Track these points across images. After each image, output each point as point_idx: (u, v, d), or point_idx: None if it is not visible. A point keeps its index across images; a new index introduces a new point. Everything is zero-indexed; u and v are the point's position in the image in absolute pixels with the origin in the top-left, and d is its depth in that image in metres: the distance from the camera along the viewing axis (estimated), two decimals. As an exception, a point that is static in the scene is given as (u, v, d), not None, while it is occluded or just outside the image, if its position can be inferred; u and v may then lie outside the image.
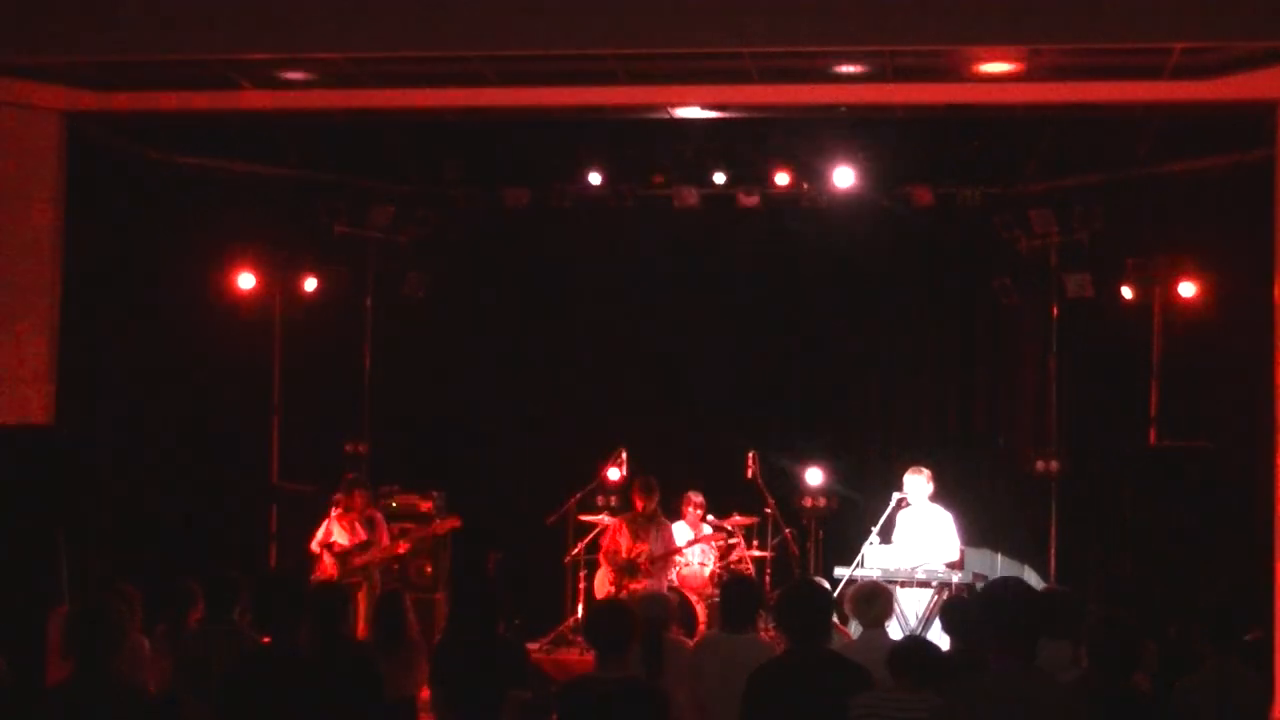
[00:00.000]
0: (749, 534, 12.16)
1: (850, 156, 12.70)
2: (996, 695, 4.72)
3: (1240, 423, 11.02)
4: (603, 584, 11.64)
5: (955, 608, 7.26)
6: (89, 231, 11.19)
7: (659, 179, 13.12)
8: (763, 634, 8.09)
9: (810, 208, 13.11)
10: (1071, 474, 12.46)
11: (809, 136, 12.50)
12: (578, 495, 12.26)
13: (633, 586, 11.24)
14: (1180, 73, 9.30)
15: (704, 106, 10.71)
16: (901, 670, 5.76)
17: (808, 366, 13.62)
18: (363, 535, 11.36)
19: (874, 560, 10.76)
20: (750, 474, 12.20)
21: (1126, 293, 12.11)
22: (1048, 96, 10.13)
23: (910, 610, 10.15)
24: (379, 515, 11.62)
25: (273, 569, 12.55)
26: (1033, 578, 12.55)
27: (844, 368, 13.70)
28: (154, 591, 8.25)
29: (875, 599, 7.38)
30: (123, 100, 10.42)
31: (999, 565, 12.67)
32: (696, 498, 11.89)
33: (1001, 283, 12.88)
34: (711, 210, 13.37)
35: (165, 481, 12.26)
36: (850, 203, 13.02)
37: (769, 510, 12.20)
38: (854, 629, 8.10)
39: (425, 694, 7.90)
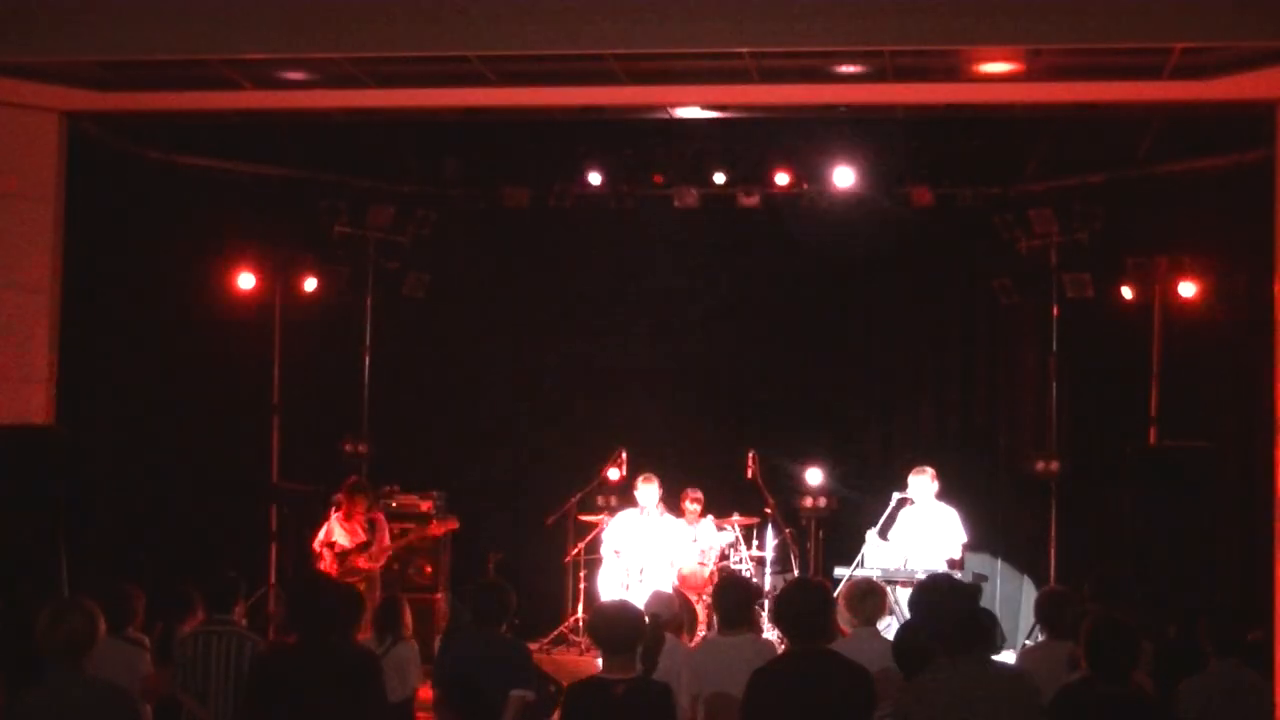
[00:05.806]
0: (749, 534, 12.16)
1: (850, 156, 12.70)
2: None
3: (1240, 423, 11.02)
4: (608, 582, 11.65)
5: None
6: (89, 231, 11.18)
7: (659, 179, 13.11)
8: (763, 634, 8.09)
9: (810, 208, 13.11)
10: (1071, 474, 12.44)
11: (809, 136, 12.49)
12: (578, 495, 12.27)
13: (634, 586, 11.25)
14: (1180, 73, 9.28)
15: (704, 106, 10.68)
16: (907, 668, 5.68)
17: (808, 366, 13.61)
18: (363, 537, 11.35)
19: (874, 560, 10.77)
20: (750, 474, 12.20)
21: (1126, 293, 12.11)
22: (1048, 96, 10.11)
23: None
24: (380, 517, 11.61)
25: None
26: (1029, 581, 12.56)
27: (844, 367, 13.70)
28: (154, 592, 8.25)
29: (868, 597, 7.37)
30: (123, 100, 10.38)
31: (999, 566, 12.67)
32: (695, 495, 11.89)
33: (1001, 283, 12.88)
34: (711, 210, 13.37)
35: (165, 481, 12.25)
36: (850, 203, 13.01)
37: (769, 510, 12.21)
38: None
39: (425, 694, 7.92)
